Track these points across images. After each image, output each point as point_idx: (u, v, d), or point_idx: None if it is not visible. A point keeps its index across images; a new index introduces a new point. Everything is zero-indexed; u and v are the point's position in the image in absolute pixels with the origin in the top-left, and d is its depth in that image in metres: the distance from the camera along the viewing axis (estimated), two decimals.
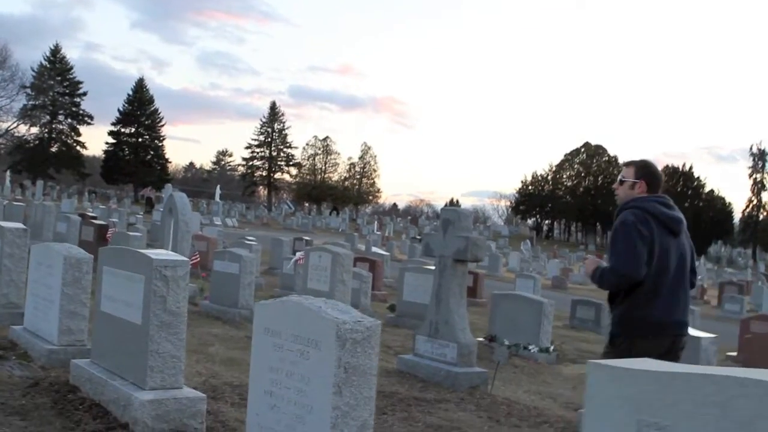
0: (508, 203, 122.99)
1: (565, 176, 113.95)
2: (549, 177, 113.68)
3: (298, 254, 16.90)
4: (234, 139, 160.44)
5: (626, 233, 4.77)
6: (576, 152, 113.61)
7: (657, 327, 4.78)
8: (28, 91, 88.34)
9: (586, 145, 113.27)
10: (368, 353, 3.79)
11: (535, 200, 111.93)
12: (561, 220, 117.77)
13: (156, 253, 5.46)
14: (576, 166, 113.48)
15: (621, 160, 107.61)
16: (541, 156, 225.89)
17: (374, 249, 32.34)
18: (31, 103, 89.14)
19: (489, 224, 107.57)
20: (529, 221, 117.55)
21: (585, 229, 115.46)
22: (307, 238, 27.88)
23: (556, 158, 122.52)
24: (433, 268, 14.37)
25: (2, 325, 8.23)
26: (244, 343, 9.51)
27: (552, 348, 11.73)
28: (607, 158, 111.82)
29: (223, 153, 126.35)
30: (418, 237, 59.53)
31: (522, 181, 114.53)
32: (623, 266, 4.74)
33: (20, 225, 8.99)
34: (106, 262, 5.96)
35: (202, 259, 17.52)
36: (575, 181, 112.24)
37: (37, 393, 5.87)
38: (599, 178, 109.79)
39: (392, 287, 21.11)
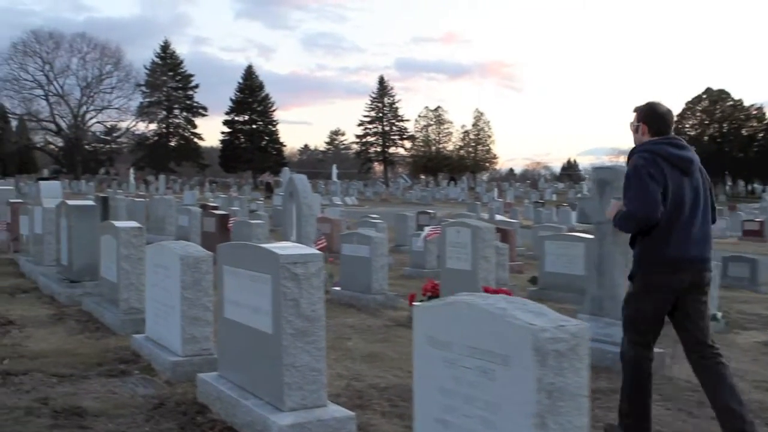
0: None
1: (687, 125, 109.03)
2: None
3: (427, 229, 15.98)
4: (345, 118, 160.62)
5: (638, 177, 4.83)
6: (697, 99, 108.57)
7: (673, 263, 4.84)
8: (143, 88, 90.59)
9: (708, 90, 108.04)
10: (577, 368, 2.80)
11: None
12: None
13: (282, 247, 4.59)
14: (698, 114, 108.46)
15: (747, 104, 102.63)
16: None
17: (498, 217, 31.15)
18: (146, 100, 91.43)
19: None
20: None
21: (713, 179, 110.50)
22: (431, 211, 26.96)
23: (677, 107, 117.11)
24: (576, 234, 13.27)
25: (125, 333, 7.64)
26: (384, 333, 8.67)
27: (720, 315, 10.46)
28: (731, 103, 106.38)
29: (336, 132, 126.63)
30: (541, 201, 57.93)
31: None
32: (639, 209, 4.80)
33: (134, 223, 8.36)
34: (226, 260, 5.15)
35: (327, 242, 16.84)
36: (699, 130, 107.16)
37: (162, 416, 5.12)
38: (724, 125, 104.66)
39: (525, 256, 19.96)
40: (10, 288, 11.07)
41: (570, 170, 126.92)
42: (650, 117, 5.08)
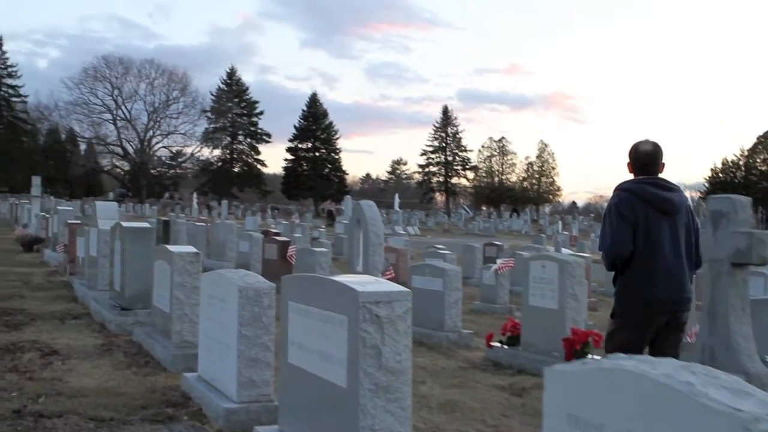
0: (696, 194, 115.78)
1: (759, 160, 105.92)
2: (741, 162, 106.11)
3: (499, 261, 15.08)
4: (407, 148, 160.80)
5: (609, 216, 5.05)
6: None
7: (651, 303, 4.94)
8: (209, 114, 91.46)
9: None
10: None
11: (727, 188, 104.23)
12: (758, 208, 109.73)
13: (361, 282, 3.78)
14: None
15: None
16: (729, 141, 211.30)
17: (564, 250, 30.00)
18: (212, 126, 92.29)
19: None
20: None
21: None
22: (498, 242, 25.98)
23: (748, 142, 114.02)
24: None
25: (176, 370, 6.87)
26: (460, 377, 7.81)
27: None
28: None
29: (398, 162, 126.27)
30: None
31: (712, 169, 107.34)
32: (607, 246, 5.03)
33: (191, 248, 7.64)
34: (291, 295, 4.35)
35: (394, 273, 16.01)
36: None
37: None
38: None
39: (597, 292, 19.05)
40: (61, 313, 10.45)
41: None
42: (632, 156, 5.26)
